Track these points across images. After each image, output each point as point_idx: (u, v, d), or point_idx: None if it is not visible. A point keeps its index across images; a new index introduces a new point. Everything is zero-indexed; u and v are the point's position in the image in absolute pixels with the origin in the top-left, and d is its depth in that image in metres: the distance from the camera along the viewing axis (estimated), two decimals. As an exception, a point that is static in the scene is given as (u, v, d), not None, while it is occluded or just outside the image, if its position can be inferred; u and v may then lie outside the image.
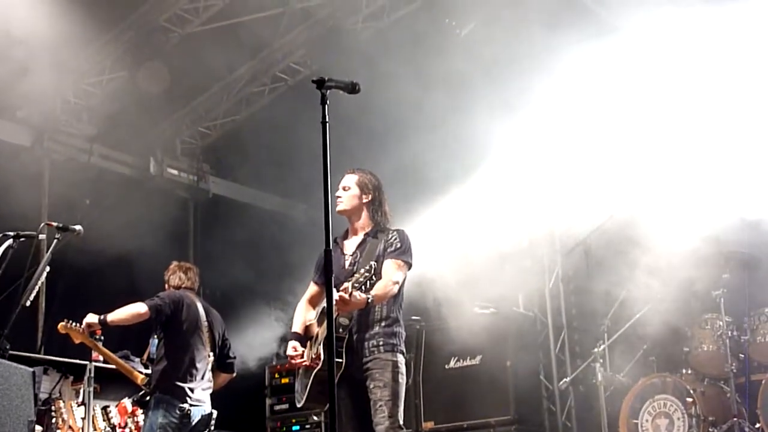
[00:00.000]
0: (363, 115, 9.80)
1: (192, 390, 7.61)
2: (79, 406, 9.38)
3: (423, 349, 10.43)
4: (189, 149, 13.51)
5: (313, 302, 6.59)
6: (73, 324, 7.91)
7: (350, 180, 6.52)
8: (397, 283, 6.20)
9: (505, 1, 10.15)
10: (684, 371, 9.00)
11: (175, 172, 13.31)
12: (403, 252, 6.29)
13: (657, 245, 9.19)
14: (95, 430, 9.24)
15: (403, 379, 6.19)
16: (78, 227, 6.87)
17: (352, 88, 5.43)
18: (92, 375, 9.46)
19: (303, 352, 6.26)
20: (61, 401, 9.23)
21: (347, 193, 6.49)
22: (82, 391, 9.41)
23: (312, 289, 6.66)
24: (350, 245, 6.49)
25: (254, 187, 14.12)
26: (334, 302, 5.72)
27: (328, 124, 5.18)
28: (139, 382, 7.72)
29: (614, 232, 9.97)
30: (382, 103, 9.99)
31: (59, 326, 7.92)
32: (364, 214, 6.49)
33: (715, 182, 9.13)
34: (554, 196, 10.54)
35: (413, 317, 10.74)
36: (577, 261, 10.81)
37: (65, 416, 9.03)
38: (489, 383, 9.98)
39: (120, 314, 7.61)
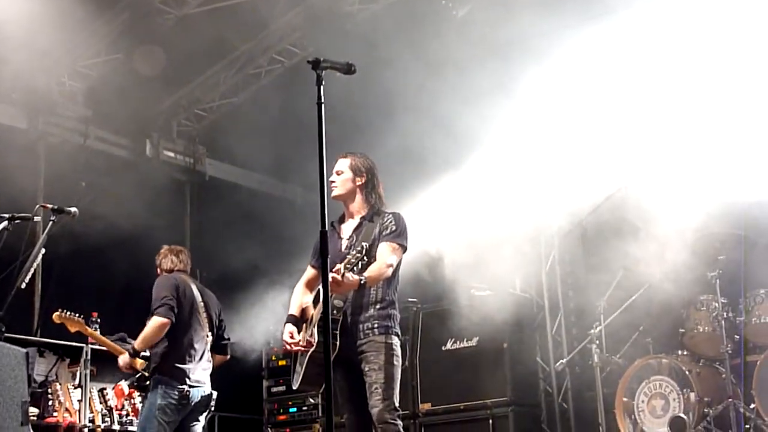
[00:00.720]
0: (359, 97, 9.78)
1: (191, 371, 7.61)
2: (75, 388, 9.41)
3: (420, 330, 10.44)
4: (185, 131, 13.49)
5: (310, 286, 6.60)
6: (68, 313, 7.93)
7: (343, 164, 6.53)
8: (392, 265, 6.20)
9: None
10: (680, 352, 9.02)
11: (171, 154, 13.29)
12: (398, 235, 6.29)
13: (653, 227, 9.19)
14: (92, 412, 9.28)
15: (398, 361, 6.20)
16: (73, 209, 6.86)
17: (348, 69, 5.43)
18: (89, 357, 9.50)
19: (299, 339, 6.26)
20: (57, 383, 9.25)
21: (340, 177, 6.50)
22: (78, 373, 9.45)
23: (309, 272, 6.66)
24: (347, 229, 6.50)
25: (251, 169, 14.10)
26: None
27: (324, 105, 5.17)
28: (138, 366, 7.71)
29: (610, 215, 9.97)
30: (378, 84, 9.97)
31: (54, 316, 7.96)
32: (359, 197, 6.50)
33: (711, 164, 9.12)
34: (550, 179, 10.52)
35: (410, 299, 10.74)
36: (573, 243, 10.81)
37: (62, 398, 9.06)
38: (486, 365, 10.00)
39: (147, 337, 7.57)
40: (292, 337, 6.27)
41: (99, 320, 9.46)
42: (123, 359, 7.74)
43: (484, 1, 10.72)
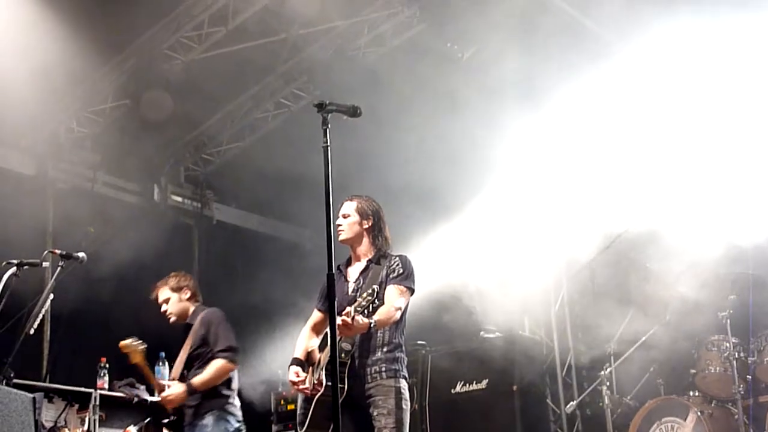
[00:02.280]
0: (365, 140, 9.81)
1: (236, 406, 7.59)
2: (84, 434, 9.35)
3: (429, 373, 10.39)
4: (193, 176, 13.52)
5: (316, 329, 6.57)
6: (136, 342, 7.52)
7: (349, 207, 6.52)
8: (400, 308, 6.18)
9: (507, 25, 10.16)
10: (691, 393, 8.95)
11: (179, 199, 13.32)
12: (406, 278, 6.27)
13: (662, 267, 9.18)
14: (101, 458, 9.22)
15: (406, 405, 6.15)
16: (82, 255, 6.88)
17: (354, 112, 5.44)
18: (97, 403, 9.45)
19: (305, 377, 6.24)
20: (66, 429, 9.20)
21: (347, 220, 6.49)
22: (87, 419, 9.39)
23: (315, 316, 6.64)
24: (353, 272, 6.48)
25: (258, 213, 14.12)
26: (336, 327, 5.75)
27: (330, 148, 5.18)
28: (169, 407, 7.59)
29: (620, 255, 9.96)
30: (384, 127, 10.01)
31: (121, 344, 7.48)
32: (366, 240, 6.49)
33: (720, 204, 9.11)
34: (559, 219, 10.52)
35: (419, 342, 10.72)
36: (582, 284, 10.79)
37: (71, 444, 9.01)
38: (496, 408, 9.94)
39: (211, 380, 7.34)
40: (297, 376, 6.24)
41: (107, 365, 9.44)
42: (177, 394, 7.33)
43: (490, 43, 10.76)
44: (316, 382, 6.14)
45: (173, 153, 13.15)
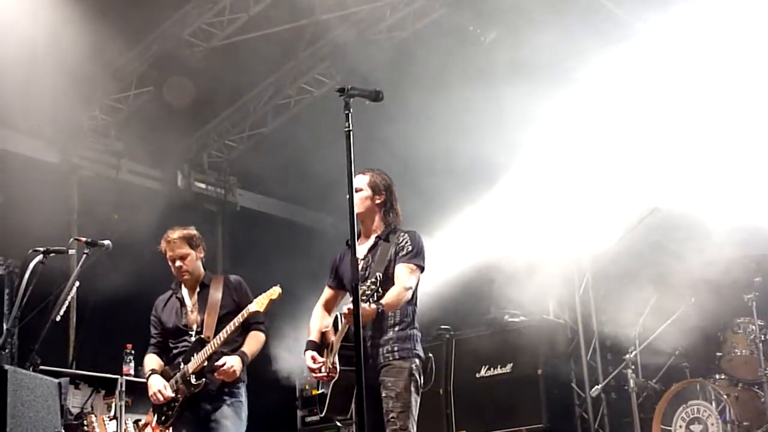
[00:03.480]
0: (388, 125, 9.80)
1: None
2: (111, 420, 9.42)
3: (453, 357, 10.40)
4: (216, 163, 13.55)
5: (328, 307, 6.53)
6: None
7: (361, 181, 6.38)
8: (410, 288, 6.10)
9: (528, 8, 10.11)
10: (717, 376, 8.91)
11: (202, 185, 13.36)
12: (415, 255, 6.18)
13: (688, 249, 9.13)
14: (127, 444, 9.28)
15: (416, 386, 6.09)
16: (107, 242, 6.91)
17: (376, 96, 5.42)
18: (124, 389, 9.51)
19: (322, 364, 6.19)
20: (93, 415, 9.27)
21: (359, 194, 6.32)
22: (113, 405, 9.45)
23: (326, 293, 6.60)
24: (362, 249, 6.34)
25: (282, 199, 14.13)
26: (344, 313, 5.84)
27: (352, 132, 5.17)
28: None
29: (644, 237, 9.90)
30: (406, 112, 10.00)
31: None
32: (377, 215, 6.39)
33: (746, 185, 9.06)
34: (583, 202, 10.48)
35: (443, 326, 10.73)
36: (607, 267, 10.74)
37: (97, 430, 9.07)
38: (520, 391, 9.94)
39: (256, 348, 7.00)
40: (315, 362, 6.22)
41: (133, 352, 9.49)
42: (239, 366, 6.81)
43: (512, 26, 10.72)
44: (330, 367, 6.12)
45: (196, 139, 13.18)
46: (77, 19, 9.99)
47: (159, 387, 6.83)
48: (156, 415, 6.96)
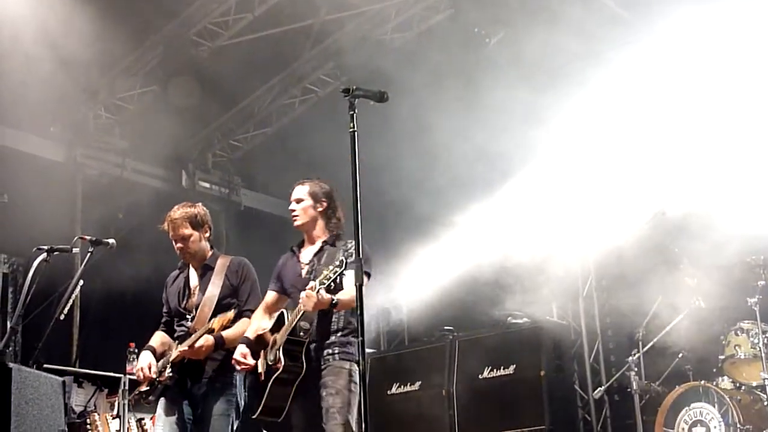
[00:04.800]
0: (393, 124, 9.81)
1: None
2: (114, 418, 9.42)
3: (456, 359, 10.39)
4: (220, 162, 13.56)
5: (269, 310, 6.52)
6: None
7: (301, 191, 6.51)
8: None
9: (534, 9, 10.12)
10: (720, 379, 8.91)
11: (206, 185, 13.36)
12: (364, 262, 6.21)
13: (692, 252, 9.13)
14: (130, 442, 9.28)
15: (356, 388, 6.06)
16: (111, 241, 6.89)
17: (381, 97, 5.42)
18: (127, 388, 9.51)
19: (248, 356, 6.20)
20: (96, 414, 9.27)
21: (300, 205, 6.48)
22: (117, 403, 9.46)
23: (269, 296, 6.61)
24: (306, 254, 6.47)
25: (286, 199, 14.08)
26: (301, 302, 5.89)
27: (357, 133, 5.18)
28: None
29: (648, 240, 9.90)
30: (412, 112, 10.00)
31: None
32: (320, 222, 6.47)
33: (753, 188, 9.06)
34: (587, 204, 10.48)
35: (446, 327, 10.74)
36: (610, 269, 10.74)
37: (100, 428, 9.07)
38: (523, 393, 9.93)
39: (238, 335, 6.55)
40: (244, 357, 6.21)
41: (137, 351, 9.49)
42: (208, 345, 6.49)
43: (517, 29, 10.73)
44: (272, 362, 6.11)
45: (201, 139, 13.19)
46: (83, 18, 10.00)
47: (143, 364, 6.66)
48: (137, 394, 6.80)
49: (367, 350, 5.40)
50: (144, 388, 6.73)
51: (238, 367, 6.27)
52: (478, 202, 10.82)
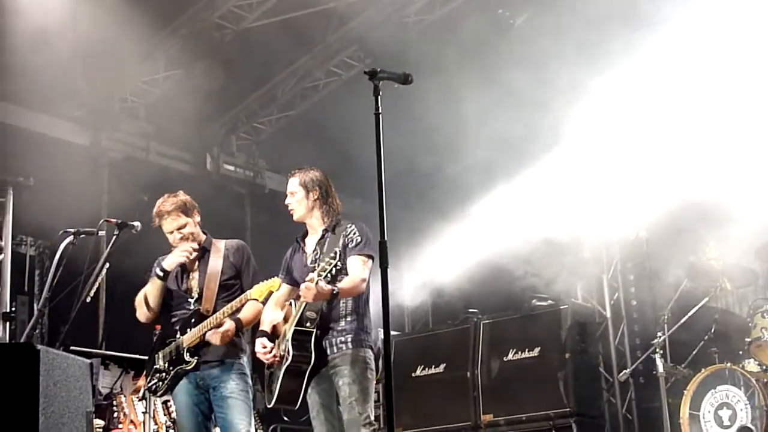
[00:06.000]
0: (418, 107, 9.79)
1: None
2: (140, 400, 9.47)
3: (481, 341, 10.38)
4: (245, 145, 13.59)
5: (279, 303, 6.49)
6: None
7: (293, 184, 6.48)
8: (365, 280, 6.13)
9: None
10: (746, 361, 8.86)
11: (231, 168, 13.40)
12: (365, 245, 6.19)
13: (718, 234, 9.08)
14: (156, 424, 9.33)
15: (372, 375, 6.12)
16: (136, 223, 6.91)
17: (405, 79, 5.41)
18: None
19: (272, 347, 6.21)
20: (122, 396, 9.32)
21: (294, 198, 6.45)
22: (142, 385, 9.51)
23: (280, 288, 6.56)
24: (310, 243, 6.45)
25: (310, 182, 14.12)
26: (302, 290, 5.84)
27: (381, 115, 5.18)
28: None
29: (673, 222, 9.86)
30: (436, 94, 9.98)
31: None
32: (317, 212, 6.44)
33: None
34: (612, 186, 10.43)
35: (471, 309, 10.73)
36: (636, 251, 10.71)
37: (126, 410, 9.13)
38: (548, 375, 9.91)
39: (252, 317, 6.62)
40: (264, 347, 6.23)
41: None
42: (232, 329, 6.57)
43: (542, 10, 10.68)
44: (283, 352, 6.13)
45: (225, 122, 13.22)
46: (108, 3, 10.03)
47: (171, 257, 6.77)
48: (148, 382, 6.86)
49: (392, 333, 5.38)
50: (153, 382, 6.78)
51: (264, 360, 6.29)
52: (504, 183, 10.80)
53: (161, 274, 6.82)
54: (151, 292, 6.92)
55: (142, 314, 7.00)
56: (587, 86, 9.74)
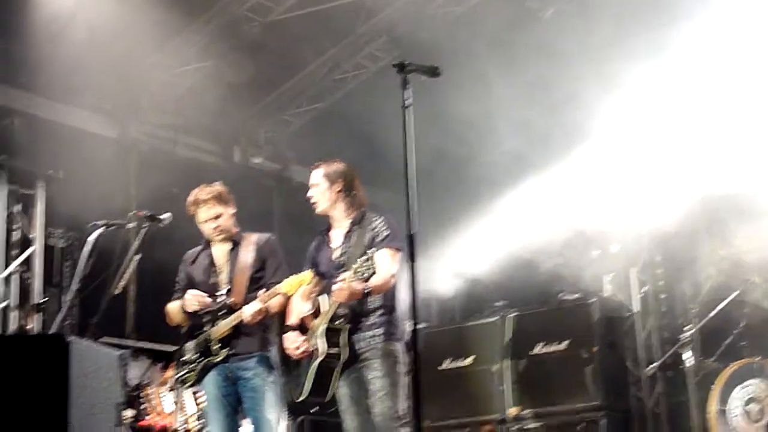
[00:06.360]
0: (446, 99, 9.77)
1: None
2: (170, 391, 9.53)
3: (508, 334, 10.37)
4: (272, 137, 13.60)
5: (305, 296, 6.52)
6: None
7: (317, 176, 6.49)
8: (395, 275, 6.15)
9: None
10: (776, 356, 8.82)
11: (258, 160, 13.42)
12: (393, 238, 6.22)
13: (749, 228, 9.03)
14: (185, 415, 9.38)
15: (402, 368, 6.13)
16: (165, 216, 6.96)
17: (433, 72, 5.42)
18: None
19: (302, 342, 6.25)
20: (151, 387, 9.38)
21: (318, 189, 6.46)
22: (171, 377, 9.56)
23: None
24: (336, 237, 6.46)
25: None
26: (334, 291, 5.96)
27: (410, 108, 5.18)
28: None
29: (705, 215, 9.81)
30: (465, 86, 9.96)
31: None
32: (341, 204, 6.45)
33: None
34: (643, 178, 10.38)
35: (499, 303, 10.70)
36: (665, 245, 10.65)
37: (155, 401, 9.19)
38: (575, 369, 9.89)
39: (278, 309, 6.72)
40: (294, 343, 6.29)
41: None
42: (261, 311, 6.54)
43: (570, 1, 10.65)
44: (313, 348, 6.17)
45: (253, 115, 13.24)
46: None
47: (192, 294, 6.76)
48: (177, 373, 6.92)
49: (420, 325, 5.39)
50: (182, 373, 6.83)
51: (294, 355, 6.31)
52: (533, 176, 10.78)
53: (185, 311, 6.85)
54: (176, 315, 6.99)
55: (171, 322, 7.05)
56: (617, 78, 9.67)
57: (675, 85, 9.73)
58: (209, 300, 6.75)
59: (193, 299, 6.78)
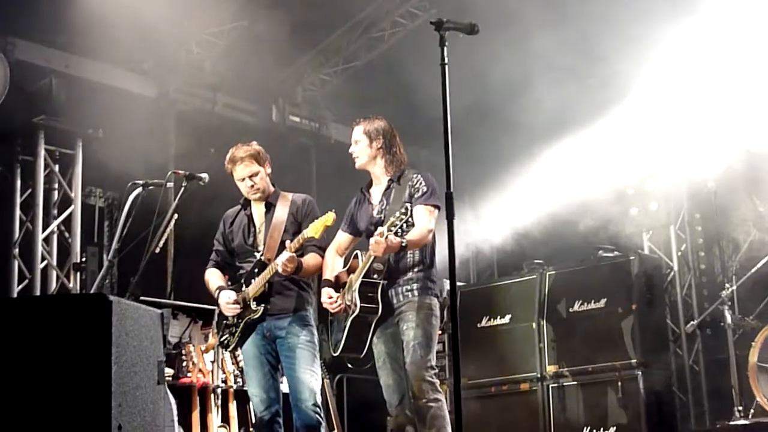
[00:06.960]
0: (484, 58, 9.70)
1: None
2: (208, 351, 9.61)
3: (546, 292, 10.35)
4: (310, 96, 13.59)
5: (340, 251, 6.60)
6: None
7: (358, 132, 6.53)
8: (432, 230, 6.18)
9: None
10: (816, 313, 8.76)
11: (296, 119, 13.43)
12: (431, 195, 6.24)
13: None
14: (224, 372, 9.47)
15: (436, 321, 6.18)
16: (204, 175, 6.99)
17: (471, 29, 5.40)
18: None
19: (338, 297, 6.29)
20: (191, 345, 9.47)
21: (358, 146, 6.51)
22: (211, 335, 9.64)
23: (340, 237, 6.67)
24: (376, 193, 6.52)
25: (375, 132, 14.11)
26: (370, 248, 5.94)
27: (447, 66, 5.16)
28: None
29: (743, 172, 9.71)
30: (503, 44, 9.87)
31: None
32: (380, 161, 6.49)
33: None
34: (683, 135, 10.29)
35: (536, 261, 10.68)
36: (704, 202, 10.57)
37: (195, 359, 9.27)
38: (614, 327, 9.85)
39: (313, 267, 6.69)
40: (330, 297, 6.32)
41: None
42: (295, 264, 6.49)
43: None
44: (349, 302, 6.21)
45: (291, 73, 13.22)
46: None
47: (231, 302, 6.78)
48: (219, 337, 6.97)
49: (457, 283, 5.42)
50: (224, 336, 6.89)
51: (330, 310, 6.35)
52: (572, 134, 10.70)
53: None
54: (210, 286, 7.08)
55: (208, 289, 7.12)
56: (658, 36, 9.56)
57: (715, 42, 9.61)
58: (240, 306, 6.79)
59: (228, 308, 6.83)
